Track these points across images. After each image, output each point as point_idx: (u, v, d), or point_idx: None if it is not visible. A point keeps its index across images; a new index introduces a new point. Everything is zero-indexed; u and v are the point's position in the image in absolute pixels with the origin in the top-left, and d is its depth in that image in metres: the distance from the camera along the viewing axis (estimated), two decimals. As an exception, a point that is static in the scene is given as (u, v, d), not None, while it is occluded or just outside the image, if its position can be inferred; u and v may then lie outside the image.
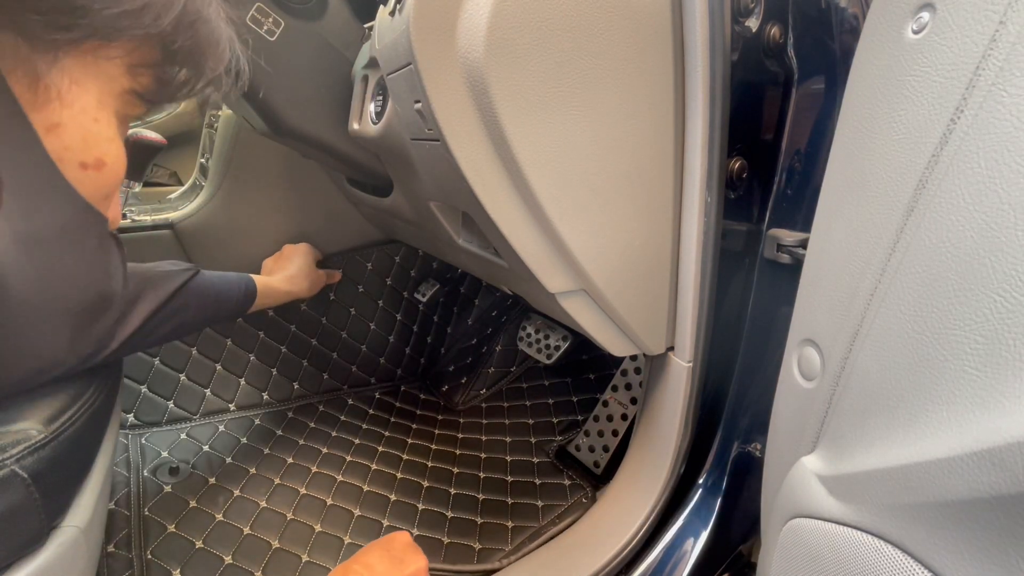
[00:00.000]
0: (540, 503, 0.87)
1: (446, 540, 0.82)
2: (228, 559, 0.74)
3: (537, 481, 0.92)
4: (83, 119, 0.28)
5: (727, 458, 0.73)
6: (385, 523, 0.83)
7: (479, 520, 0.85)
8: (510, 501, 0.89)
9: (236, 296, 0.82)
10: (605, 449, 0.91)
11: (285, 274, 0.95)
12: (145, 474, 0.86)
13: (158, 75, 0.31)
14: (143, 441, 0.93)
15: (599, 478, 0.90)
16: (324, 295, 1.14)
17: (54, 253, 0.30)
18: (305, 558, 0.76)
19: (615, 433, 0.90)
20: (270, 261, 1.03)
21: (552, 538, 0.80)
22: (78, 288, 0.33)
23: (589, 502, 0.84)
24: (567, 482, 0.91)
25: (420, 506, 0.87)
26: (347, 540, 0.80)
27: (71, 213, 0.30)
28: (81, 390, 0.52)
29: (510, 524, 0.84)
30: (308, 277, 0.98)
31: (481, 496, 0.90)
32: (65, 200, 0.29)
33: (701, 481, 0.74)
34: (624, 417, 0.90)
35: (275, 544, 0.78)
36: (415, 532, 0.82)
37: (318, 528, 0.81)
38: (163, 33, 0.29)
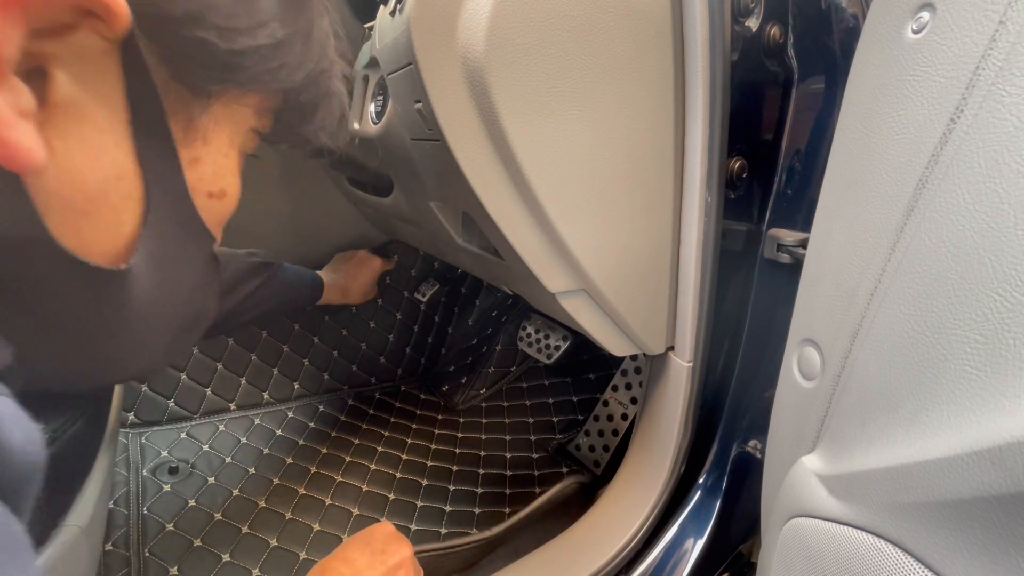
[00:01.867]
0: (538, 490, 0.88)
1: (443, 531, 0.82)
2: (226, 557, 0.74)
3: (536, 473, 0.93)
4: (217, 155, 0.33)
5: (727, 458, 0.73)
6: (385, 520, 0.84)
7: (476, 511, 0.86)
8: (508, 491, 0.89)
9: (305, 294, 0.91)
10: (605, 449, 0.91)
11: (343, 285, 1.02)
12: (144, 473, 0.86)
13: (278, 118, 0.36)
14: (143, 440, 0.93)
15: (599, 478, 0.90)
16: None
17: (173, 273, 0.34)
18: (303, 556, 0.76)
19: (615, 433, 0.90)
20: (343, 263, 1.07)
21: (549, 511, 0.80)
22: (185, 305, 0.37)
23: (588, 479, 0.84)
24: (564, 470, 0.91)
25: (419, 503, 0.88)
26: (346, 538, 0.80)
27: (194, 237, 0.34)
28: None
29: (507, 510, 0.84)
30: (362, 291, 1.05)
31: (480, 490, 0.90)
32: (191, 225, 0.33)
33: (701, 481, 0.74)
34: (624, 417, 0.90)
35: (273, 543, 0.78)
36: (413, 527, 0.83)
37: (316, 527, 0.81)
38: (292, 87, 0.34)
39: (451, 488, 0.91)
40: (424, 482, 0.92)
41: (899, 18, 0.34)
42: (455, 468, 0.96)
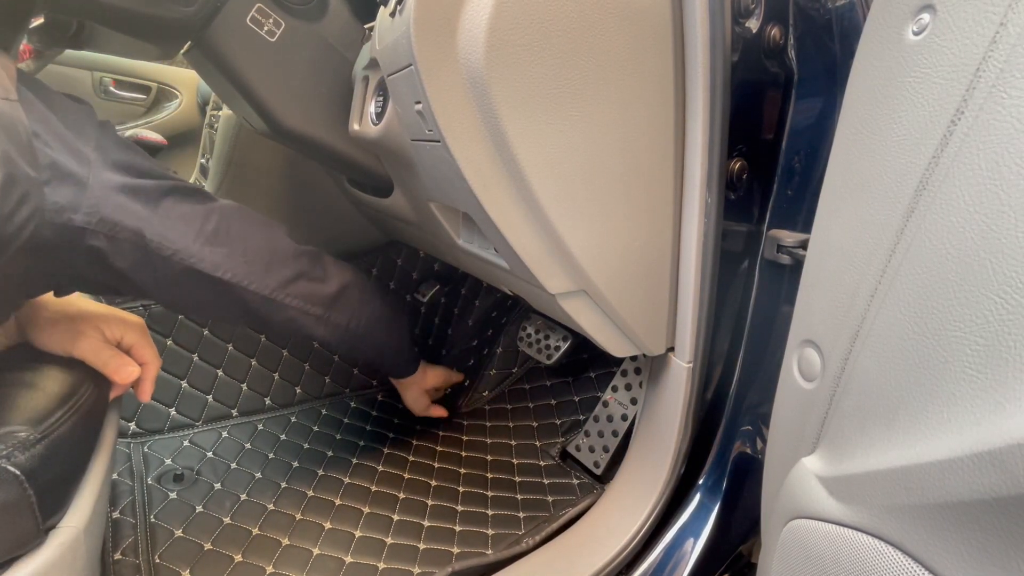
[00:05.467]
0: (551, 498, 0.88)
1: (458, 528, 0.82)
2: (238, 558, 0.74)
3: (546, 481, 0.93)
4: None
5: (727, 459, 0.73)
6: (396, 518, 0.84)
7: (489, 512, 0.86)
8: (519, 497, 0.89)
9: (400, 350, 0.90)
10: (605, 449, 0.91)
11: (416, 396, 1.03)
12: (149, 482, 0.86)
13: None
14: (145, 449, 0.93)
15: (599, 478, 0.90)
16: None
17: None
18: (316, 551, 0.77)
19: (615, 433, 0.90)
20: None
21: (570, 524, 0.80)
22: None
23: (599, 494, 0.84)
24: (575, 481, 0.91)
25: (429, 502, 0.88)
26: (358, 534, 0.80)
27: None
28: (71, 391, 0.53)
29: (522, 515, 0.84)
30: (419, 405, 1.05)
31: (490, 493, 0.90)
32: None
33: (701, 481, 0.74)
34: (624, 417, 0.90)
35: (285, 542, 0.78)
36: (426, 524, 0.83)
37: (328, 526, 0.81)
38: None
39: (461, 490, 0.91)
40: (433, 483, 0.92)
41: (899, 19, 0.34)
42: (463, 471, 0.96)
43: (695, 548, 0.72)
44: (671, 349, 0.70)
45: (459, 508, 0.87)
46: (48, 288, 0.56)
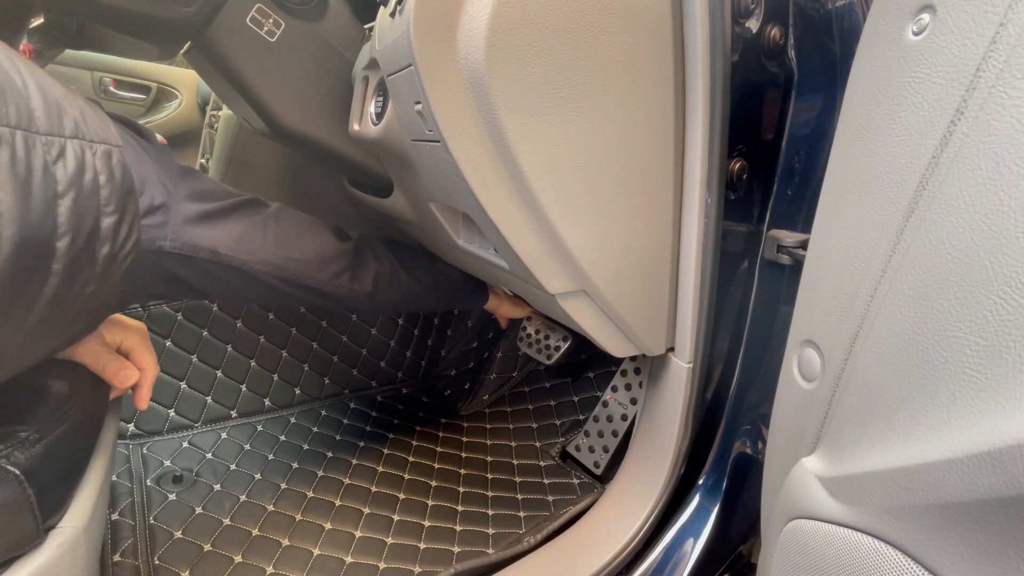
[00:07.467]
0: (551, 497, 0.88)
1: (459, 528, 0.82)
2: (238, 558, 0.74)
3: (546, 481, 0.93)
4: None
5: (727, 459, 0.73)
6: (396, 518, 0.84)
7: (490, 512, 0.86)
8: (520, 497, 0.89)
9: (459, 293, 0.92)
10: (605, 449, 0.91)
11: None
12: (148, 484, 0.86)
13: None
14: (144, 451, 0.93)
15: (599, 478, 0.90)
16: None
17: None
18: (316, 552, 0.77)
19: (615, 433, 0.90)
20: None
21: (570, 523, 0.80)
22: None
23: (599, 493, 0.84)
24: (576, 481, 0.91)
25: (430, 502, 0.88)
26: (358, 534, 0.80)
27: None
28: (70, 391, 0.53)
29: (522, 514, 0.85)
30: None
31: (490, 493, 0.91)
32: None
33: (701, 482, 0.74)
34: (624, 417, 0.90)
35: (285, 542, 0.78)
36: (426, 524, 0.83)
37: (328, 526, 0.81)
38: None
39: (461, 490, 0.91)
40: (433, 483, 0.92)
41: (899, 19, 0.34)
42: (463, 471, 0.96)
43: (695, 548, 0.72)
44: (671, 349, 0.70)
45: (459, 508, 0.87)
46: (126, 307, 0.61)
